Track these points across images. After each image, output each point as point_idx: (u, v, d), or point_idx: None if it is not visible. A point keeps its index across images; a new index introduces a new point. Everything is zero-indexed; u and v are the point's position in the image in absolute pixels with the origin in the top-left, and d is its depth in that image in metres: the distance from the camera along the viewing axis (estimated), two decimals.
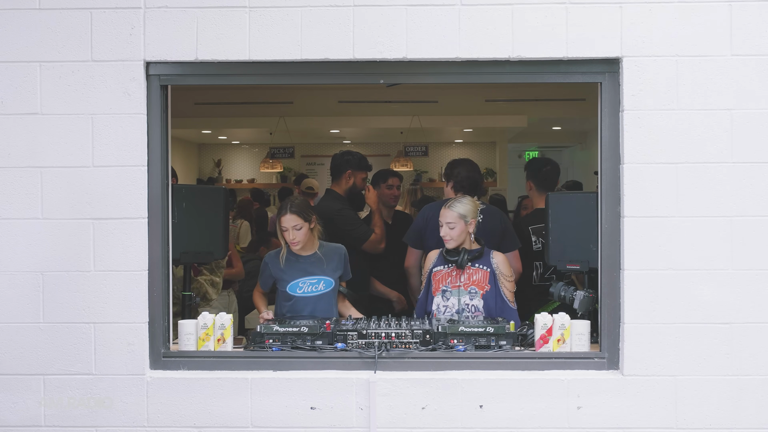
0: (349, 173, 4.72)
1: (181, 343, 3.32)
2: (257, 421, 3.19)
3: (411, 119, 8.71)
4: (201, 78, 3.27)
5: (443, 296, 3.74)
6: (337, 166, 4.80)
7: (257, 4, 3.17)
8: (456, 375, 3.20)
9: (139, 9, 3.17)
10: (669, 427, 3.17)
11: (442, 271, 3.79)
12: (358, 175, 4.76)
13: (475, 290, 3.71)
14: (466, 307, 3.71)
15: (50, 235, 3.19)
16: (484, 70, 3.23)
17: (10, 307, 3.21)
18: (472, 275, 3.74)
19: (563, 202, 3.60)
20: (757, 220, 3.15)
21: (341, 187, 4.75)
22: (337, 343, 3.29)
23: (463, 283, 3.73)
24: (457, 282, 3.74)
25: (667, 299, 3.16)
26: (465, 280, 3.73)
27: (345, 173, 4.73)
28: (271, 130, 9.47)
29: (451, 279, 3.75)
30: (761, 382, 3.17)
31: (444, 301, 3.74)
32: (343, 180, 4.74)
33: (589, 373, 3.22)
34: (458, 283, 3.74)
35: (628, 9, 3.15)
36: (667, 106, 3.15)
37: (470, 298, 3.71)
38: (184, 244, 3.58)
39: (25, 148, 3.19)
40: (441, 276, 3.78)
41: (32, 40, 3.18)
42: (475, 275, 3.75)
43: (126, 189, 3.19)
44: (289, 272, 3.78)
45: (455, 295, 3.73)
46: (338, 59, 3.18)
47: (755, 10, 3.14)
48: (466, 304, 3.71)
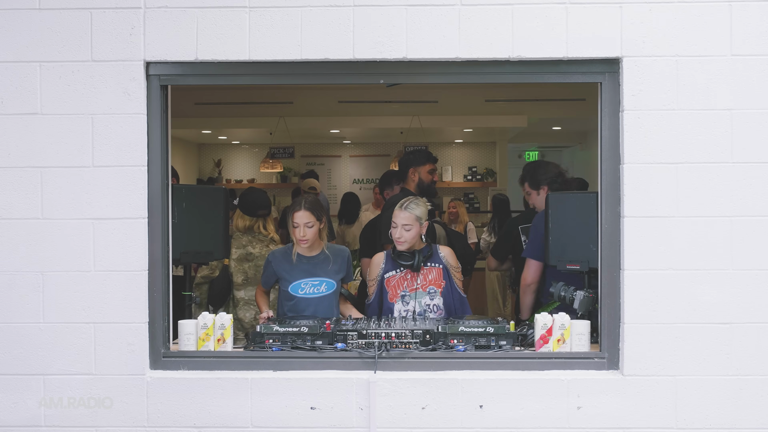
0: (412, 171, 4.80)
1: (181, 343, 3.32)
2: (257, 421, 3.20)
3: (411, 119, 8.72)
4: (201, 78, 3.27)
5: (403, 301, 3.74)
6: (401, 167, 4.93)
7: (257, 4, 3.17)
8: (456, 375, 3.20)
9: (139, 9, 3.17)
10: (669, 427, 3.17)
11: (395, 276, 3.79)
12: (421, 169, 4.81)
13: (433, 289, 3.74)
14: (427, 307, 3.73)
15: (50, 235, 3.19)
16: (484, 70, 3.23)
17: (10, 307, 3.21)
18: (427, 275, 3.76)
19: (563, 202, 3.60)
20: (757, 220, 3.15)
21: (410, 185, 4.82)
22: (337, 343, 3.29)
23: (420, 285, 3.73)
24: (413, 285, 3.75)
25: (667, 299, 3.16)
26: (421, 281, 3.74)
27: (409, 172, 4.82)
28: (271, 130, 9.47)
29: (407, 282, 3.76)
30: (761, 382, 3.17)
31: (404, 305, 3.75)
32: (409, 179, 4.83)
33: (589, 373, 3.22)
34: (415, 286, 3.74)
35: (628, 9, 3.15)
36: (667, 106, 3.15)
37: (430, 298, 3.73)
38: (184, 244, 3.58)
39: (25, 148, 3.19)
40: (396, 281, 3.78)
41: (32, 40, 3.18)
42: (430, 274, 3.76)
43: (126, 189, 3.19)
44: (292, 272, 3.78)
45: (414, 298, 3.74)
46: (338, 59, 3.18)
47: (755, 10, 3.14)
48: (426, 305, 3.73)
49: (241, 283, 4.48)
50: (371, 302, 3.86)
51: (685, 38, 3.15)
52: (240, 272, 4.47)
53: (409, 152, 4.96)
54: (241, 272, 4.47)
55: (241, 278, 4.46)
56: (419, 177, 4.79)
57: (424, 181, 4.80)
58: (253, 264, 4.48)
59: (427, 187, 4.82)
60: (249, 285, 4.49)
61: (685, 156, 3.15)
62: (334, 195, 11.07)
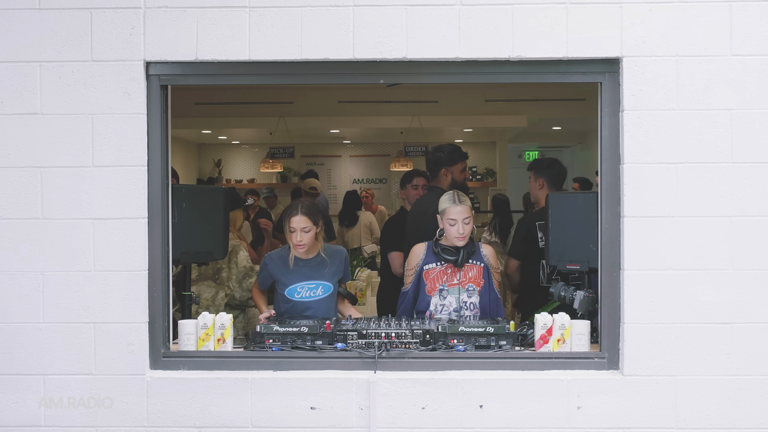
0: (444, 171, 4.61)
1: (181, 343, 3.32)
2: (257, 421, 3.20)
3: (411, 119, 8.72)
4: (201, 78, 3.27)
5: (440, 295, 3.72)
6: (430, 166, 4.72)
7: (257, 4, 3.17)
8: (456, 375, 3.20)
9: (139, 9, 3.17)
10: (669, 427, 3.17)
11: (435, 269, 3.75)
12: (453, 169, 4.62)
13: (472, 287, 3.71)
14: (464, 304, 3.70)
15: (50, 235, 3.19)
16: (484, 70, 3.23)
17: (10, 307, 3.21)
18: (468, 272, 3.73)
19: (563, 202, 3.60)
20: (757, 220, 3.15)
21: (442, 184, 4.62)
22: (337, 343, 3.29)
23: (460, 281, 3.71)
24: (453, 280, 3.71)
25: (667, 299, 3.16)
26: (462, 277, 3.71)
27: (440, 172, 4.62)
28: (271, 130, 9.48)
29: (447, 277, 3.72)
30: (761, 382, 3.17)
31: (441, 300, 3.72)
32: (441, 178, 4.63)
33: (589, 373, 3.22)
34: (455, 281, 3.71)
35: (628, 9, 3.15)
36: (667, 106, 3.15)
37: (468, 295, 3.70)
38: (184, 244, 3.58)
39: (25, 148, 3.19)
40: (435, 274, 3.74)
41: (32, 40, 3.18)
42: (471, 272, 3.73)
43: (126, 189, 3.19)
44: (288, 276, 3.78)
45: (453, 294, 3.71)
46: (338, 59, 3.18)
47: (755, 10, 3.14)
48: (464, 302, 3.70)
49: (195, 279, 4.40)
50: (407, 291, 3.79)
51: (685, 38, 3.15)
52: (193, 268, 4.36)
53: (437, 149, 4.64)
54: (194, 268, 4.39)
55: (194, 274, 4.40)
56: (452, 177, 4.60)
57: (457, 181, 4.60)
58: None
59: (460, 185, 4.62)
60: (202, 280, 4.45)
61: (685, 156, 3.15)
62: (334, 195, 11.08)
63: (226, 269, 4.46)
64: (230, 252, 4.40)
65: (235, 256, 4.45)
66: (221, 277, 4.46)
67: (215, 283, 4.46)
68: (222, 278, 4.45)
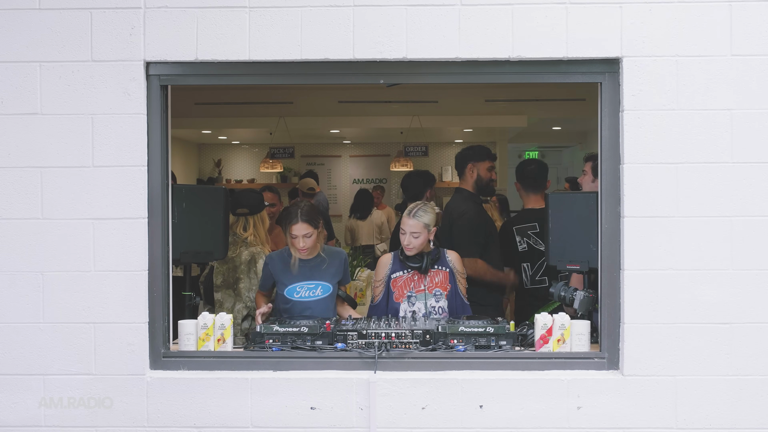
0: (471, 166, 4.61)
1: (181, 343, 3.32)
2: (257, 421, 3.20)
3: (411, 119, 8.73)
4: (201, 78, 3.27)
5: (409, 302, 3.77)
6: (458, 163, 4.71)
7: (257, 4, 3.17)
8: (456, 375, 3.20)
9: (139, 9, 3.17)
10: (669, 427, 3.17)
11: (402, 277, 3.81)
12: (480, 165, 4.62)
13: (439, 292, 3.77)
14: (432, 309, 3.75)
15: (50, 235, 3.19)
16: (484, 70, 3.23)
17: (10, 307, 3.21)
18: (434, 277, 3.80)
19: (563, 202, 3.59)
20: (757, 220, 3.15)
21: (468, 182, 4.63)
22: (337, 343, 3.29)
23: (427, 287, 3.77)
24: (420, 286, 3.78)
25: (667, 299, 3.16)
26: (428, 283, 3.78)
27: (467, 168, 4.62)
28: (271, 130, 9.48)
29: (414, 284, 3.79)
30: (761, 382, 3.17)
31: (410, 306, 3.77)
32: (467, 175, 4.63)
33: (589, 373, 3.22)
34: (422, 287, 3.78)
35: (628, 9, 3.15)
36: (667, 106, 3.15)
37: (436, 300, 3.75)
38: (184, 244, 3.58)
39: (25, 148, 3.19)
40: (403, 282, 3.80)
41: (32, 40, 3.18)
42: (437, 277, 3.80)
43: (126, 189, 3.19)
44: (288, 275, 3.78)
45: (421, 300, 3.77)
46: (338, 59, 3.18)
47: (755, 10, 3.14)
48: (432, 307, 3.75)
49: (219, 285, 4.31)
50: (378, 304, 3.84)
51: (685, 38, 3.15)
52: (219, 273, 4.32)
53: (466, 148, 4.72)
54: (220, 274, 4.31)
55: (219, 280, 4.31)
56: (478, 173, 4.60)
57: (482, 178, 4.61)
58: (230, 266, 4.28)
59: (486, 185, 4.63)
60: (225, 288, 4.29)
61: (685, 156, 3.15)
62: (334, 195, 11.08)
63: (245, 279, 4.24)
64: (249, 261, 4.24)
65: (254, 265, 4.23)
66: (239, 288, 4.24)
67: (234, 292, 4.27)
68: (239, 289, 4.23)
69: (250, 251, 4.24)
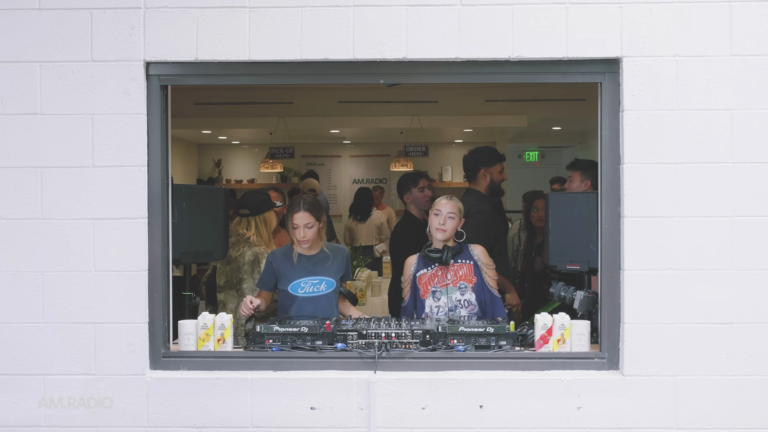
0: (483, 172, 4.65)
1: (181, 343, 3.32)
2: (257, 421, 3.20)
3: (411, 119, 8.72)
4: (201, 78, 3.27)
5: (434, 297, 3.76)
6: (469, 167, 4.72)
7: (257, 4, 3.17)
8: (456, 375, 3.20)
9: (139, 9, 3.17)
10: (669, 427, 3.17)
11: (426, 274, 3.81)
12: (493, 170, 4.66)
13: (464, 285, 3.74)
14: (458, 303, 3.72)
15: (50, 235, 3.19)
16: (484, 70, 3.23)
17: (10, 307, 3.21)
18: (458, 271, 3.77)
19: (563, 202, 3.60)
20: (757, 220, 3.15)
21: (480, 185, 4.66)
22: (337, 343, 3.29)
23: (451, 280, 3.75)
24: (444, 281, 3.76)
25: (667, 299, 3.16)
26: (452, 276, 3.76)
27: (479, 172, 4.65)
28: (271, 130, 9.47)
29: (438, 279, 3.77)
30: (761, 382, 3.17)
31: (435, 301, 3.76)
32: (480, 180, 4.66)
33: (589, 373, 3.22)
34: (446, 282, 3.76)
35: (628, 9, 3.15)
36: (667, 106, 3.15)
37: (461, 293, 3.73)
38: (184, 244, 3.58)
39: (25, 148, 3.19)
40: (427, 278, 3.80)
41: (32, 40, 3.18)
42: (461, 270, 3.77)
43: (126, 189, 3.19)
44: (292, 271, 3.78)
45: (445, 294, 3.75)
46: (338, 59, 3.18)
47: (755, 10, 3.14)
48: (458, 300, 3.73)
49: (223, 286, 4.30)
50: (407, 304, 3.85)
51: (685, 38, 3.15)
52: (222, 274, 4.30)
53: (475, 152, 4.70)
54: (223, 274, 4.30)
55: (222, 280, 4.30)
56: (491, 177, 4.64)
57: (495, 181, 4.66)
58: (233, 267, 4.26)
59: (497, 187, 4.69)
60: (228, 288, 4.27)
61: (685, 156, 3.15)
62: (334, 195, 11.07)
63: (249, 280, 4.21)
64: (253, 261, 4.21)
65: (258, 266, 4.18)
66: (242, 288, 4.20)
67: (237, 293, 4.24)
68: (243, 290, 4.19)
69: (254, 251, 4.23)
